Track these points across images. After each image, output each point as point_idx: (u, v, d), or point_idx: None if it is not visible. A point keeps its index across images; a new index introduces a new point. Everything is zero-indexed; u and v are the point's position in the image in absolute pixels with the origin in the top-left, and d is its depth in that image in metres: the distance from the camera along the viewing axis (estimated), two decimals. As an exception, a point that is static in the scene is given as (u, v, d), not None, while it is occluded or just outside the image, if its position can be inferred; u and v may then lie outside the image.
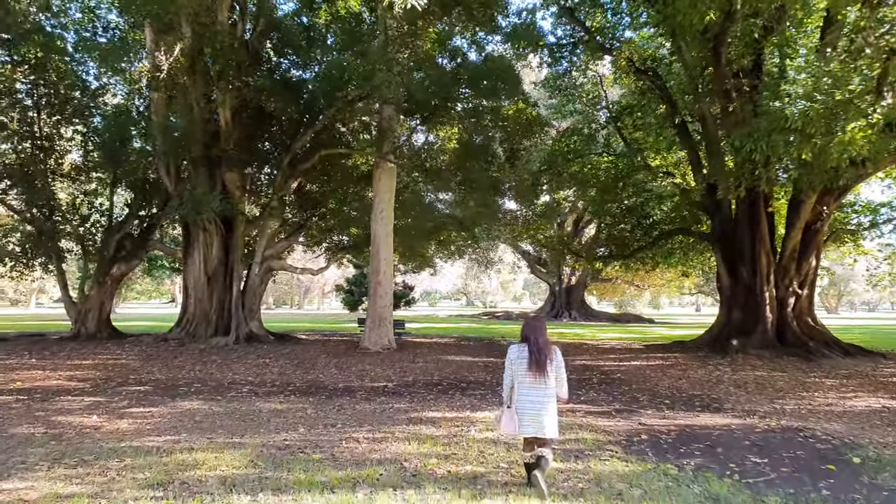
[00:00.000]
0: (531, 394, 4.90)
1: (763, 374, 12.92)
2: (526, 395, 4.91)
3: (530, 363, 4.91)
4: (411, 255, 26.27)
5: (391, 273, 17.35)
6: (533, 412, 4.87)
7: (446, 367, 13.48)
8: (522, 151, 21.83)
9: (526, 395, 4.91)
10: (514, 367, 4.98)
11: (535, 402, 4.88)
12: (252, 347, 16.43)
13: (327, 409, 8.33)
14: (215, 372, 12.16)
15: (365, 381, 11.28)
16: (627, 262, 21.49)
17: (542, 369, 4.89)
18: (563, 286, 46.79)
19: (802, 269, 17.84)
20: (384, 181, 17.04)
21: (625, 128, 22.04)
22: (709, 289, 58.45)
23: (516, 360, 4.99)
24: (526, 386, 4.92)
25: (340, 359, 14.59)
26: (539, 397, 4.89)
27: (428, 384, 11.06)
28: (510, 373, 5.01)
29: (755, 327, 17.27)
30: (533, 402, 4.88)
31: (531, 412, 4.87)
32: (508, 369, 5.03)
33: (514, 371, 4.98)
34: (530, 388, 4.90)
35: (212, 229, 17.37)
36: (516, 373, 4.97)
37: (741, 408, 9.10)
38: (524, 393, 4.91)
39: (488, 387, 10.83)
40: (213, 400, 8.98)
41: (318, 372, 12.46)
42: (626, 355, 16.98)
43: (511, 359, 5.02)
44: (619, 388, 10.97)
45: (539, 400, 4.88)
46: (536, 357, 4.91)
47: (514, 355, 5.01)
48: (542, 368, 4.89)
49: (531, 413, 4.87)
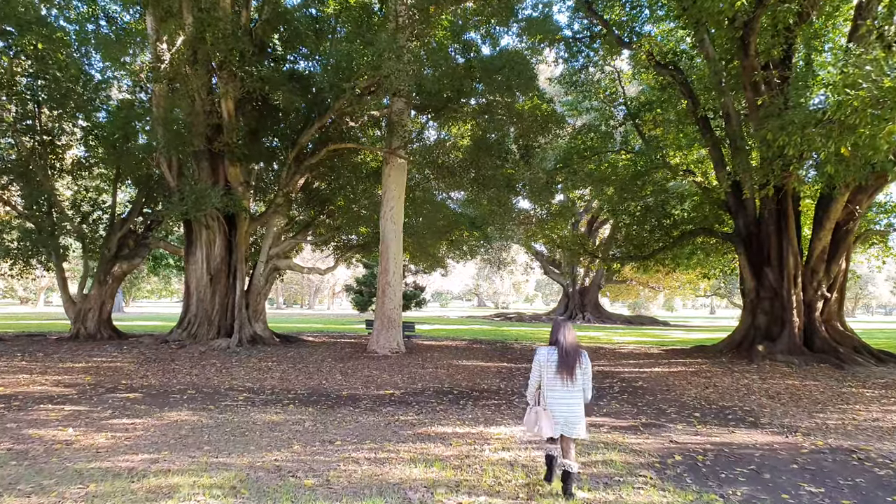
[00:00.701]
0: (561, 395, 4.99)
1: (794, 383, 12.08)
2: (555, 397, 5.00)
3: (559, 366, 5.00)
4: (422, 255, 25.54)
5: (401, 273, 16.66)
6: (563, 413, 4.97)
7: (457, 373, 12.76)
8: (537, 149, 21.08)
9: (555, 398, 5.00)
10: (544, 369, 5.07)
11: (564, 403, 4.98)
12: (255, 350, 15.79)
13: (327, 422, 7.63)
14: (213, 377, 11.51)
15: (370, 389, 10.58)
16: (646, 263, 20.63)
17: (571, 372, 4.98)
18: (576, 287, 45.90)
19: (831, 271, 16.95)
20: (394, 177, 16.36)
21: (644, 124, 21.23)
22: (725, 291, 57.37)
23: (546, 362, 5.07)
24: (555, 388, 5.01)
25: (346, 363, 13.92)
26: (568, 399, 4.98)
27: (438, 392, 10.34)
28: (538, 374, 5.11)
29: (781, 332, 16.43)
30: (562, 404, 4.98)
31: (561, 413, 4.97)
32: (536, 371, 5.12)
33: (543, 373, 5.07)
34: (559, 390, 5.00)
35: (214, 227, 16.76)
36: (545, 375, 5.06)
37: (779, 422, 8.30)
38: (553, 395, 5.01)
39: (503, 396, 10.10)
40: (205, 410, 8.31)
41: (322, 378, 11.77)
42: (645, 361, 16.17)
43: (540, 361, 5.11)
44: (643, 398, 10.19)
45: (568, 402, 4.98)
46: (566, 360, 5.01)
47: (544, 358, 5.09)
48: (572, 371, 4.99)
49: (561, 414, 4.97)
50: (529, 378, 5.22)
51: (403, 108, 15.69)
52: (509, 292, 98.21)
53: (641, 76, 23.59)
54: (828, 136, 10.77)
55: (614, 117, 24.40)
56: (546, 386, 5.05)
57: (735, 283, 47.41)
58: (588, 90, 24.59)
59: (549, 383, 5.03)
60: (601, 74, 24.54)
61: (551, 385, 5.02)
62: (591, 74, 24.27)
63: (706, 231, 19.08)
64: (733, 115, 17.17)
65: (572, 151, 23.26)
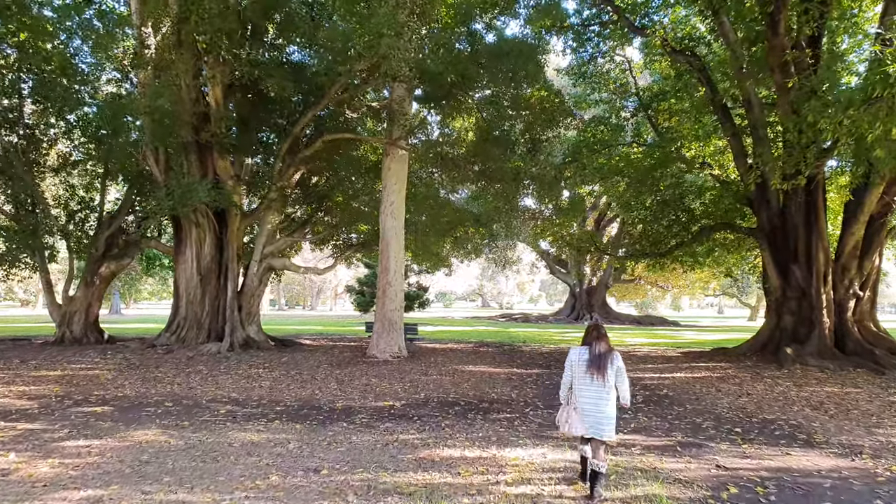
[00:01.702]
0: (590, 395, 4.99)
1: (835, 391, 11.00)
2: (585, 396, 5.01)
3: (590, 365, 5.01)
4: (425, 253, 24.48)
5: (402, 272, 15.63)
6: (592, 413, 4.96)
7: (464, 381, 11.70)
8: (545, 143, 20.03)
9: (585, 397, 5.00)
10: (575, 369, 5.11)
11: (593, 403, 4.97)
12: (247, 355, 14.78)
13: (315, 443, 6.59)
14: (196, 386, 10.49)
15: (368, 400, 9.54)
16: (663, 260, 19.51)
17: (602, 371, 4.96)
18: (583, 287, 44.76)
19: (864, 267, 15.85)
20: (394, 170, 15.32)
21: (659, 114, 20.14)
22: (736, 291, 56.16)
23: (577, 362, 5.11)
24: (585, 388, 5.02)
25: (344, 369, 12.88)
26: (597, 399, 4.96)
27: (442, 404, 9.30)
28: (570, 374, 5.15)
29: (810, 334, 15.33)
30: (591, 404, 4.97)
31: (590, 413, 4.96)
32: (568, 370, 5.16)
33: (575, 373, 5.11)
34: (589, 389, 5.00)
35: (204, 224, 15.76)
36: (576, 374, 5.09)
37: (836, 440, 7.23)
38: (584, 395, 5.01)
39: (516, 408, 9.04)
40: (178, 427, 7.27)
41: (316, 386, 10.74)
42: (665, 365, 15.10)
43: (572, 361, 5.15)
44: (672, 410, 9.13)
45: (597, 402, 4.96)
46: (597, 359, 5.01)
47: (575, 358, 5.14)
48: (603, 370, 4.97)
49: (590, 414, 4.96)
50: (563, 378, 5.22)
51: (404, 95, 14.65)
52: (513, 293, 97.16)
53: (654, 66, 22.59)
54: (875, 117, 9.70)
55: (625, 108, 23.36)
56: (576, 385, 5.08)
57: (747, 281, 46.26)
58: (597, 81, 23.59)
59: (580, 383, 5.05)
60: (611, 65, 23.57)
61: (581, 385, 5.03)
62: (599, 66, 23.30)
63: (727, 226, 17.98)
64: (755, 103, 16.12)
65: (581, 145, 22.21)
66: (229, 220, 15.74)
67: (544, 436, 7.15)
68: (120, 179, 19.27)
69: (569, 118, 19.65)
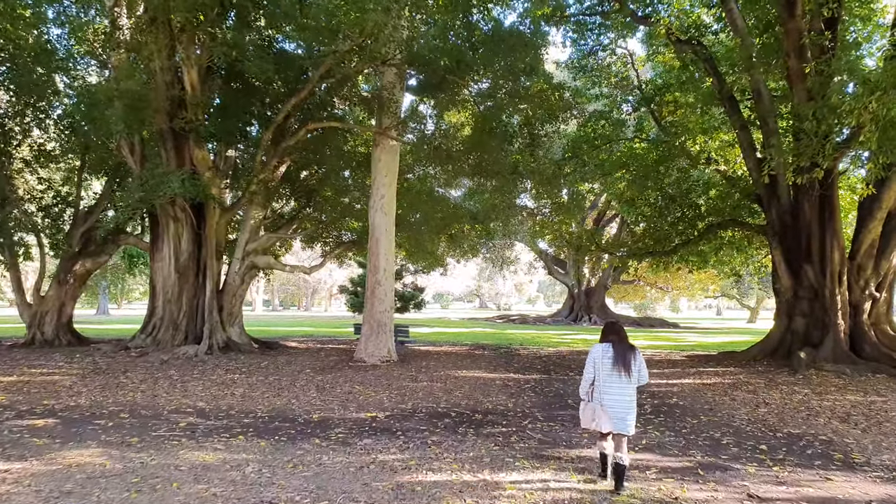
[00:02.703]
0: (616, 391, 5.02)
1: (859, 399, 10.11)
2: (610, 392, 5.03)
3: (615, 361, 5.06)
4: (420, 252, 23.54)
5: (392, 271, 14.70)
6: (617, 409, 4.99)
7: (456, 388, 10.79)
8: (544, 138, 19.14)
9: (610, 393, 5.03)
10: (598, 365, 5.14)
11: (619, 399, 5.01)
12: (226, 359, 13.84)
13: (278, 465, 5.67)
14: (162, 394, 9.55)
15: (349, 410, 8.61)
16: (668, 259, 18.61)
17: (627, 368, 5.03)
18: (582, 288, 43.86)
19: (881, 267, 14.98)
20: (385, 162, 14.41)
21: (664, 106, 19.25)
22: (737, 292, 55.34)
23: (601, 359, 5.15)
24: (611, 384, 5.05)
25: (327, 375, 11.95)
26: (623, 395, 5.02)
27: (431, 415, 8.37)
28: (592, 370, 5.18)
29: (823, 337, 14.46)
30: (616, 399, 5.01)
31: (616, 409, 4.99)
32: (590, 366, 5.19)
33: (598, 369, 5.13)
34: (615, 385, 5.03)
35: (183, 218, 14.82)
36: (600, 371, 5.12)
37: (879, 461, 6.33)
38: (609, 391, 5.04)
39: (512, 420, 8.11)
40: (124, 445, 6.33)
41: (293, 394, 9.80)
42: (672, 370, 14.21)
43: (595, 358, 5.19)
44: (686, 422, 8.23)
45: (623, 398, 5.01)
46: (622, 356, 5.08)
47: (599, 354, 5.18)
48: (629, 367, 5.03)
49: (615, 410, 5.00)
50: (584, 374, 5.26)
51: (395, 81, 13.72)
52: (511, 293, 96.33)
53: (658, 58, 21.78)
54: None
55: (628, 102, 22.50)
56: (601, 381, 5.11)
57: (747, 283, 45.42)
58: (598, 75, 22.78)
59: (605, 379, 5.09)
60: (612, 58, 22.79)
61: (607, 381, 5.07)
62: (600, 59, 22.51)
63: (735, 223, 17.08)
64: (765, 93, 15.31)
65: (581, 140, 21.39)
66: (207, 215, 14.79)
67: (545, 455, 6.24)
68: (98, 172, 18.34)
69: (568, 112, 18.73)
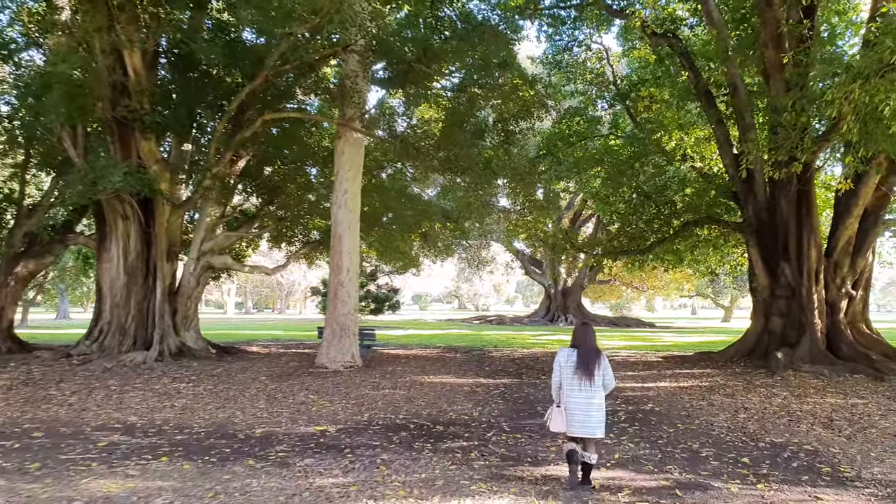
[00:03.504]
0: (579, 397, 5.05)
1: (840, 403, 9.65)
2: (574, 398, 5.06)
3: (578, 368, 5.08)
4: (392, 252, 22.81)
5: (357, 271, 13.96)
6: (581, 414, 5.02)
7: (420, 396, 10.08)
8: (518, 135, 18.54)
9: (574, 398, 5.06)
10: (563, 370, 5.17)
11: (582, 404, 5.03)
12: (177, 366, 12.96)
13: (196, 494, 4.90)
14: (92, 407, 8.69)
15: (297, 424, 7.86)
16: (643, 258, 18.12)
17: (589, 375, 5.05)
18: (558, 288, 43.45)
19: (857, 265, 14.64)
20: (349, 155, 13.66)
21: (640, 101, 18.78)
22: (711, 291, 55.46)
23: (565, 363, 5.18)
24: (575, 389, 5.07)
25: (283, 382, 11.16)
26: (586, 401, 5.03)
27: (387, 428, 7.66)
28: (558, 374, 5.20)
29: (801, 337, 14.07)
30: (581, 405, 5.03)
31: (580, 414, 5.02)
32: (557, 371, 5.22)
33: (563, 374, 5.16)
34: (578, 391, 5.06)
35: (131, 215, 13.90)
36: (565, 376, 5.15)
37: (869, 474, 5.78)
38: (573, 396, 5.07)
39: (475, 432, 7.43)
40: (20, 472, 5.48)
41: (240, 406, 9.02)
42: (647, 372, 13.68)
43: (560, 362, 5.22)
44: (661, 431, 7.63)
45: (586, 403, 5.03)
46: (584, 363, 5.09)
47: (563, 359, 5.21)
48: (591, 374, 5.05)
49: (580, 415, 5.02)
50: (552, 378, 5.28)
51: (358, 69, 12.98)
52: (489, 294, 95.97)
53: (633, 53, 21.41)
54: (891, 87, 8.36)
55: (603, 98, 22.07)
56: (565, 386, 5.14)
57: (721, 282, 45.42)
58: (573, 71, 22.36)
59: (568, 384, 5.12)
60: (588, 53, 22.35)
61: (570, 386, 5.11)
62: (576, 55, 22.07)
63: (712, 220, 16.64)
64: (741, 87, 14.90)
65: (556, 137, 20.90)
66: (157, 212, 13.89)
67: (506, 475, 5.57)
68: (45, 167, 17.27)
69: (543, 109, 18.18)
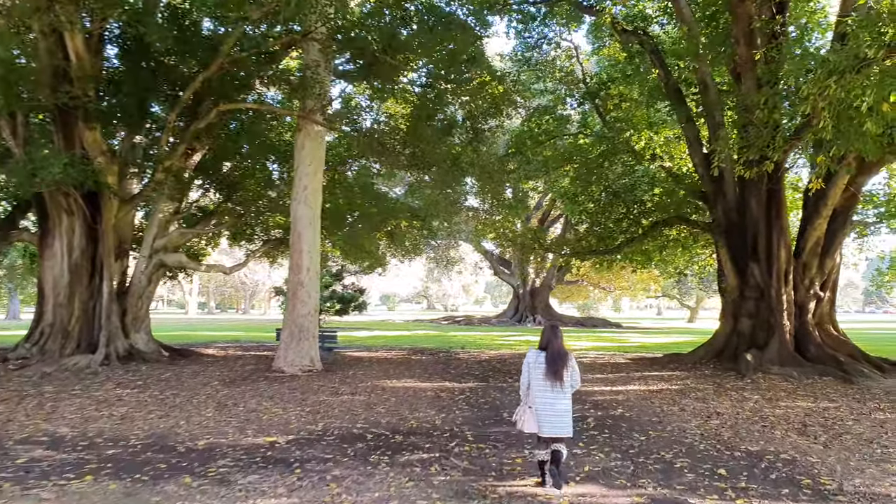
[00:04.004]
0: (548, 398, 5.10)
1: (811, 406, 9.45)
2: (543, 398, 5.11)
3: (547, 370, 5.13)
4: (357, 251, 22.19)
5: (317, 269, 13.36)
6: (551, 415, 5.05)
7: (381, 402, 9.57)
8: (487, 132, 18.16)
9: (543, 400, 5.10)
10: (532, 371, 5.22)
11: (551, 405, 5.07)
12: (124, 370, 12.21)
13: (117, 521, 4.35)
14: (19, 418, 7.95)
15: (245, 434, 7.27)
16: (612, 257, 17.87)
17: (558, 376, 5.10)
18: (527, 288, 43.30)
19: (825, 266, 14.59)
20: (309, 149, 13.06)
21: (609, 99, 18.53)
22: (677, 292, 56.01)
23: (534, 364, 5.23)
24: (543, 390, 5.12)
25: (235, 388, 10.53)
26: (555, 402, 5.09)
27: (343, 438, 7.12)
28: (527, 375, 5.27)
29: (769, 338, 13.95)
30: (550, 405, 5.07)
31: (549, 415, 5.06)
32: (525, 372, 5.30)
33: (532, 375, 5.21)
34: (547, 392, 5.11)
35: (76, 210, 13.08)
36: (534, 377, 5.20)
37: (851, 486, 5.47)
38: (542, 397, 5.11)
39: (437, 443, 6.95)
40: (-81, 495, 4.89)
41: (186, 414, 8.38)
42: (616, 375, 13.38)
43: (529, 363, 5.28)
44: (632, 439, 7.25)
45: (556, 404, 5.08)
46: (553, 365, 5.13)
47: (532, 360, 5.26)
48: (559, 376, 5.11)
49: (549, 415, 5.05)
50: (521, 379, 5.35)
51: (319, 59, 12.39)
52: (458, 294, 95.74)
53: (603, 51, 21.28)
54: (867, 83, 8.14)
55: (573, 96, 21.82)
56: (534, 388, 5.17)
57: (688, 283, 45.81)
58: (543, 69, 22.14)
59: (537, 385, 5.15)
60: (557, 51, 22.16)
61: (539, 387, 5.14)
62: (545, 52, 21.87)
63: (681, 220, 16.46)
64: (711, 85, 14.79)
65: (525, 136, 20.58)
66: (103, 206, 13.08)
67: (468, 492, 5.09)
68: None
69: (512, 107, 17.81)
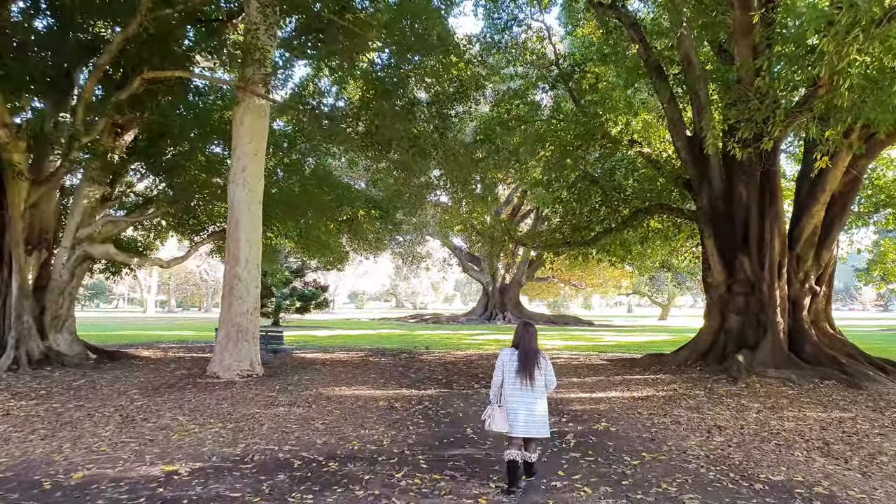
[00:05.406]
0: (520, 397, 5.03)
1: (823, 417, 8.24)
2: (515, 398, 5.03)
3: (519, 369, 5.07)
4: (314, 245, 20.55)
5: (258, 262, 11.76)
6: (523, 414, 4.99)
7: (322, 415, 8.05)
8: (455, 118, 16.77)
9: (516, 399, 5.03)
10: (505, 370, 5.14)
11: (524, 404, 5.01)
12: (31, 376, 10.47)
13: None
14: None
15: (141, 461, 5.70)
16: (587, 250, 16.57)
17: (530, 376, 5.04)
18: (496, 286, 42.05)
19: (822, 258, 13.49)
20: (248, 125, 11.46)
21: (584, 80, 17.27)
22: (648, 290, 55.42)
23: (508, 362, 5.15)
24: (515, 389, 5.05)
25: (155, 398, 8.91)
26: (528, 401, 5.02)
27: (263, 466, 5.61)
28: (500, 374, 5.15)
29: (761, 337, 12.80)
30: (522, 405, 5.01)
31: (522, 414, 4.99)
32: (499, 370, 5.17)
33: (505, 374, 5.13)
34: (519, 392, 5.03)
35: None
36: (507, 376, 5.12)
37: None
38: (514, 397, 5.04)
39: (381, 472, 5.46)
40: None
41: (78, 433, 6.76)
42: (594, 379, 12.08)
43: (503, 361, 5.17)
44: (624, 465, 5.87)
45: (528, 404, 5.02)
46: (525, 364, 5.08)
47: (506, 358, 5.18)
48: (531, 375, 5.05)
49: (521, 415, 4.99)
50: (493, 378, 5.19)
51: (259, 21, 10.78)
52: (428, 292, 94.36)
53: (577, 32, 20.07)
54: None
55: (546, 79, 20.55)
56: (507, 387, 5.08)
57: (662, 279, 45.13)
58: (513, 52, 20.85)
59: (510, 384, 5.07)
60: (529, 33, 20.94)
61: (512, 387, 5.06)
62: (516, 35, 20.59)
63: (663, 208, 15.23)
64: (695, 62, 13.66)
65: (494, 122, 19.24)
66: (9, 189, 11.30)
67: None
68: None
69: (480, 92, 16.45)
